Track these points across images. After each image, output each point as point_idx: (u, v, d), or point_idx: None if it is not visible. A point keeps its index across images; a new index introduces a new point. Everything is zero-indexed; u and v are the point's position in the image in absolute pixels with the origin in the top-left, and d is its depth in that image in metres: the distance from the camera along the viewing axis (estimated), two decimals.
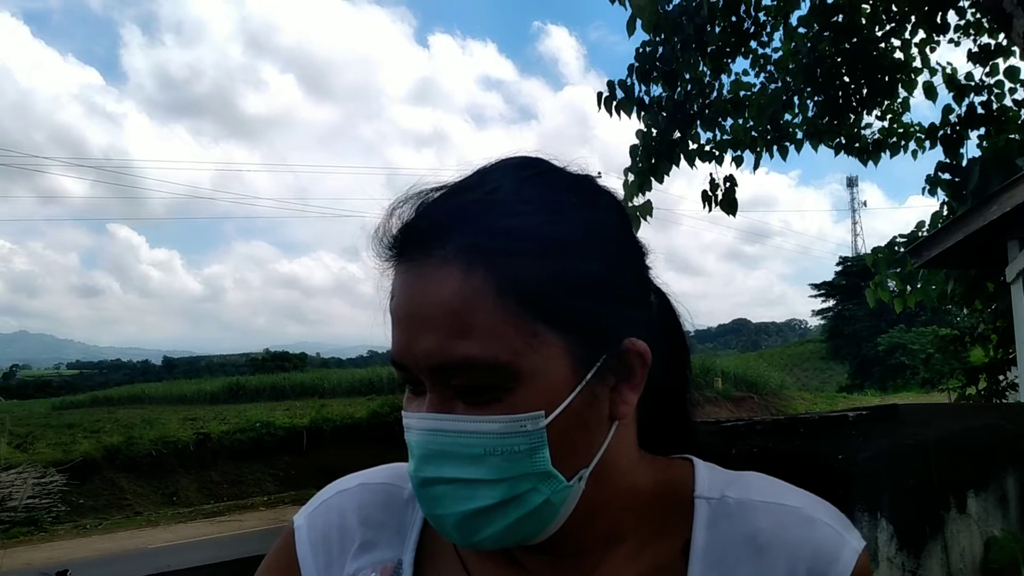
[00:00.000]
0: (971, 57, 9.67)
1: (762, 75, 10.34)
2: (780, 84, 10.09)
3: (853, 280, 53.39)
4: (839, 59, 9.56)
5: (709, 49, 9.43)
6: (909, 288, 10.39)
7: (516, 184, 0.75)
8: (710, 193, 10.15)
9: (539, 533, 0.74)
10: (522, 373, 0.69)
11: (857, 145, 10.53)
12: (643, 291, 0.82)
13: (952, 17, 9.64)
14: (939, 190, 9.52)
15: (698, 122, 9.96)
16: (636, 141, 9.73)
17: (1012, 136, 8.80)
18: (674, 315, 0.92)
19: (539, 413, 0.69)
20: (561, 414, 0.70)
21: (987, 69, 9.62)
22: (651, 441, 0.87)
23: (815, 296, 64.31)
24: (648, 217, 9.53)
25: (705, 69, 9.80)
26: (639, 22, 9.11)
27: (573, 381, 0.71)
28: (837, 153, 10.53)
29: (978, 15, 9.66)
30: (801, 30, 9.89)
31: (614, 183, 9.53)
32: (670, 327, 0.91)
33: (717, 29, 9.40)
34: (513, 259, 0.70)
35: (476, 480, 0.70)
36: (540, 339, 0.70)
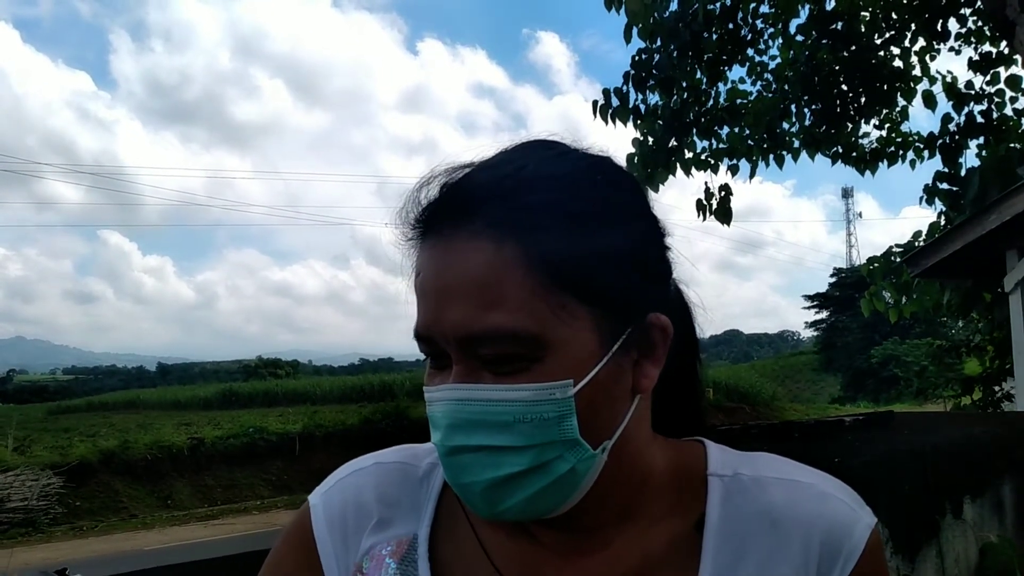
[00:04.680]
0: (972, 65, 9.65)
1: (759, 83, 10.36)
2: (777, 92, 10.10)
3: (847, 292, 53.43)
4: (837, 67, 9.57)
5: (706, 57, 9.44)
6: (904, 299, 10.37)
7: (542, 162, 0.77)
8: (705, 202, 10.16)
9: (561, 504, 0.76)
10: (550, 343, 0.71)
11: (854, 154, 10.52)
12: (665, 269, 0.84)
13: (953, 25, 9.65)
14: (937, 200, 9.52)
15: (694, 130, 9.97)
16: (630, 151, 9.74)
17: (1012, 145, 8.79)
18: (685, 302, 0.94)
19: (568, 381, 0.71)
20: (588, 384, 0.72)
21: (988, 78, 9.59)
22: (664, 425, 0.88)
23: (808, 307, 64.12)
24: None
25: (702, 77, 9.81)
26: (635, 29, 9.12)
27: (599, 353, 0.73)
28: (834, 162, 10.51)
29: (980, 23, 9.65)
30: (799, 38, 9.89)
31: None
32: (683, 313, 0.93)
33: (714, 37, 9.40)
34: (542, 233, 0.71)
35: (504, 447, 0.72)
36: (568, 311, 0.71)
